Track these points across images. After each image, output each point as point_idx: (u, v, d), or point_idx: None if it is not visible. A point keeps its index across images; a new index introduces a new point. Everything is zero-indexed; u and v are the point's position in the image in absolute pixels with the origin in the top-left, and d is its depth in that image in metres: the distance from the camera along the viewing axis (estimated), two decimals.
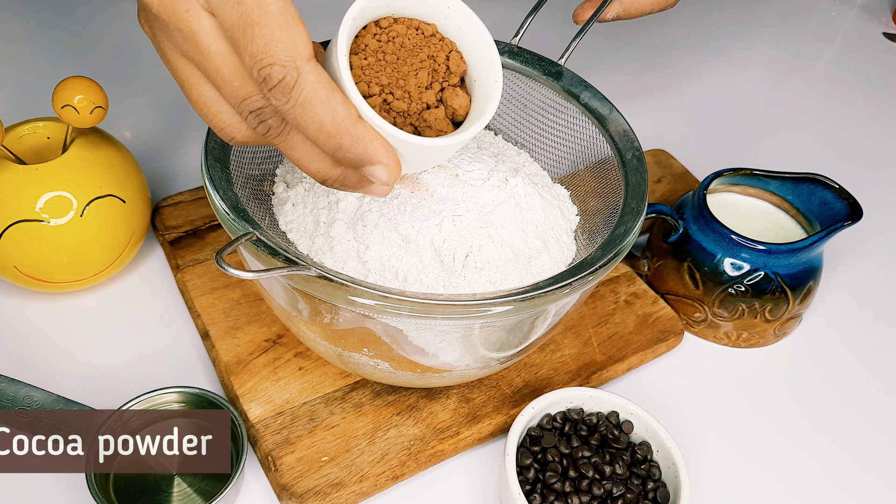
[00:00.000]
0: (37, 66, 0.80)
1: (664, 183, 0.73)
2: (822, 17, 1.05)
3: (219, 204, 0.44)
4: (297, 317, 0.48)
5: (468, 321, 0.44)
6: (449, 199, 0.48)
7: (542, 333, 0.50)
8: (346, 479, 0.49)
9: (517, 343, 0.49)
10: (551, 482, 0.47)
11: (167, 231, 0.62)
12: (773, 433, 0.57)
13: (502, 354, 0.50)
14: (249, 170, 0.50)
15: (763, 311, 0.59)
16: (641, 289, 0.63)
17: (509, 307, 0.42)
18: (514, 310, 0.42)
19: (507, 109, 0.58)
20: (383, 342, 0.47)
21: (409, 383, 0.52)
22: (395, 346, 0.47)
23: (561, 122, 0.57)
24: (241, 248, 0.42)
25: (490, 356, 0.49)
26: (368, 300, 0.41)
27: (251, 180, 0.50)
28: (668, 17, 0.99)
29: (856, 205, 0.59)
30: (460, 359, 0.48)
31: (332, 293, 0.41)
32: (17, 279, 0.56)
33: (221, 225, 0.45)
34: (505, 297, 0.42)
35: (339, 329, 0.47)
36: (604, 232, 0.49)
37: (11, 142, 0.56)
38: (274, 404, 0.52)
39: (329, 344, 0.48)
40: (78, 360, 0.56)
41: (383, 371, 0.49)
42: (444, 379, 0.51)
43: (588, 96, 0.55)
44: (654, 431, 0.49)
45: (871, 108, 0.90)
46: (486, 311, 0.42)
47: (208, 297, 0.58)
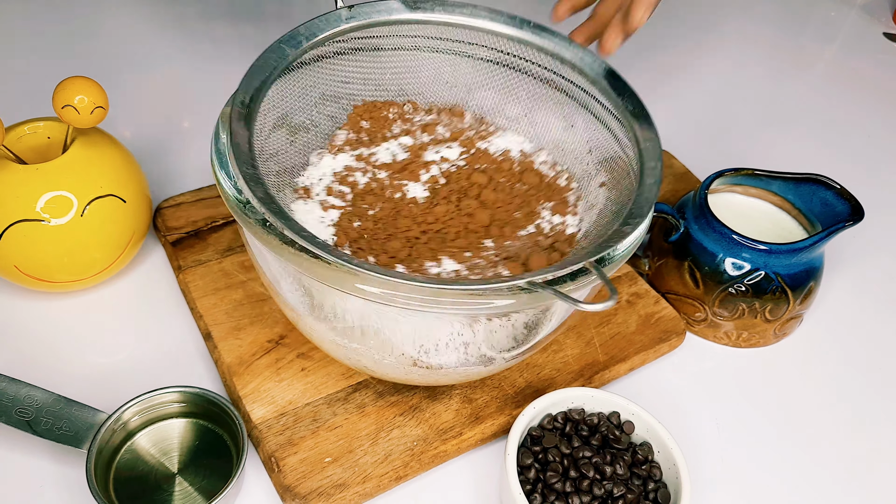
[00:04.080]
0: (37, 66, 0.80)
1: (665, 183, 0.73)
2: (822, 17, 1.05)
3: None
4: (304, 311, 0.48)
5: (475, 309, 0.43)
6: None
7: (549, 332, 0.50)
8: (350, 479, 0.49)
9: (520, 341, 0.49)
10: (552, 482, 0.47)
11: (169, 232, 0.62)
12: (774, 433, 0.57)
13: (507, 353, 0.49)
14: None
15: (763, 311, 0.59)
16: (643, 289, 0.63)
17: (511, 300, 0.42)
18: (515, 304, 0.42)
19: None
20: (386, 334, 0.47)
21: (411, 380, 0.52)
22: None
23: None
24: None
25: (493, 355, 0.49)
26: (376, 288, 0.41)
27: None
28: (667, 17, 1.00)
29: (857, 206, 0.59)
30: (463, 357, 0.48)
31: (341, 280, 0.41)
32: (17, 279, 0.55)
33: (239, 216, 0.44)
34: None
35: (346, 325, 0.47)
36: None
37: (12, 142, 0.56)
38: (277, 405, 0.52)
39: (337, 338, 0.48)
40: (78, 360, 0.56)
41: (387, 365, 0.49)
42: (447, 376, 0.51)
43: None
44: (655, 432, 0.49)
45: (871, 108, 0.90)
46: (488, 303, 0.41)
47: (210, 298, 0.58)
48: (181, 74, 0.81)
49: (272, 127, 0.51)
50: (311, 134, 0.55)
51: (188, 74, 0.81)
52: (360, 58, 0.55)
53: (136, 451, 0.50)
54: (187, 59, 0.83)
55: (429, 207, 0.52)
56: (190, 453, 0.51)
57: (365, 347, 0.48)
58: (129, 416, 0.50)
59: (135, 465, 0.50)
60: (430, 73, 0.58)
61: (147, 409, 0.51)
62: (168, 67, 0.82)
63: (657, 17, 1.00)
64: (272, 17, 0.87)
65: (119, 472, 0.49)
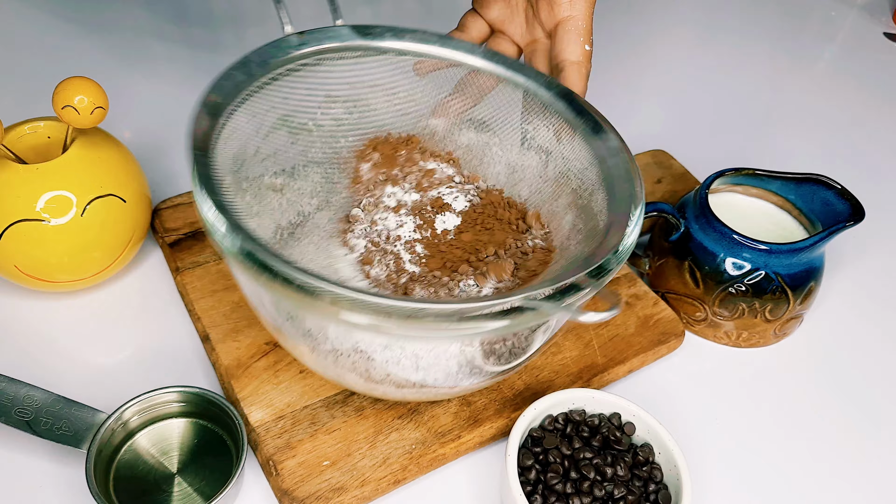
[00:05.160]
0: (37, 66, 0.80)
1: (664, 184, 0.73)
2: (822, 17, 1.05)
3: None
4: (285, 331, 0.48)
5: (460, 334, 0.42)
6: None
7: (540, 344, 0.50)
8: (348, 483, 0.49)
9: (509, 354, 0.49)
10: (553, 483, 0.47)
11: (166, 233, 0.62)
12: (774, 433, 0.57)
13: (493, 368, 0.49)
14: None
15: (763, 311, 0.59)
16: (642, 290, 0.63)
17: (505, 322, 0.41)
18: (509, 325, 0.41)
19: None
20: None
21: (405, 398, 0.52)
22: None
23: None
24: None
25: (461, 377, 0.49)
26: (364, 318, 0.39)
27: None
28: (667, 17, 1.00)
29: (858, 206, 0.59)
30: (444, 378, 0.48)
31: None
32: (17, 279, 0.55)
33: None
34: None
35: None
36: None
37: (12, 141, 0.56)
38: (275, 408, 0.52)
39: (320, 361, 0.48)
40: (78, 360, 0.56)
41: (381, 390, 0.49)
42: (444, 393, 0.51)
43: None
44: (656, 433, 0.49)
45: (871, 108, 0.90)
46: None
47: (208, 300, 0.58)
48: (182, 74, 0.81)
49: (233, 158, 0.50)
50: (273, 159, 0.54)
51: (189, 74, 0.81)
52: (310, 84, 0.53)
53: (135, 451, 0.50)
54: (187, 59, 0.83)
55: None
56: (190, 453, 0.51)
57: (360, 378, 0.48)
58: (128, 416, 0.50)
59: (134, 465, 0.50)
60: (383, 101, 0.56)
61: (147, 409, 0.51)
62: (168, 67, 0.82)
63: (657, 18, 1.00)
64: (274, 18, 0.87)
65: (119, 472, 0.49)
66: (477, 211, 0.55)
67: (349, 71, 0.54)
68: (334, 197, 0.55)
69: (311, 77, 0.53)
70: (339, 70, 0.54)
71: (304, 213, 0.55)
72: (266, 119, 0.51)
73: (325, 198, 0.55)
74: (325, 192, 0.55)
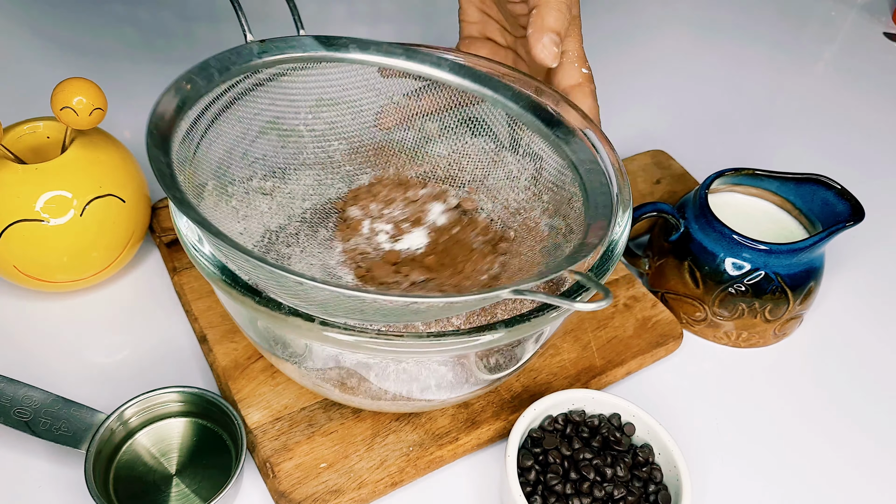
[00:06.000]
0: (37, 66, 0.80)
1: (663, 184, 0.73)
2: (822, 17, 1.05)
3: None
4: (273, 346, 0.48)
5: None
6: None
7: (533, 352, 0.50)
8: (345, 485, 0.49)
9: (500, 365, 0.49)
10: (552, 484, 0.47)
11: (164, 233, 0.62)
12: (774, 434, 0.57)
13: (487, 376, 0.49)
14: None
15: (763, 311, 0.59)
16: (640, 292, 0.62)
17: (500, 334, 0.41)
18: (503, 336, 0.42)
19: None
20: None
21: (400, 410, 0.52)
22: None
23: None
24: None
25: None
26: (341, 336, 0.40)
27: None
28: (667, 17, 0.99)
29: (857, 206, 0.58)
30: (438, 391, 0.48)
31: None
32: (16, 279, 0.55)
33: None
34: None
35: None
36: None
37: (11, 141, 0.56)
38: (272, 410, 0.52)
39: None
40: (78, 360, 0.56)
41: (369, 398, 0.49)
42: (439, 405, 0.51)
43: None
44: (656, 434, 0.49)
45: (871, 108, 0.90)
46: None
47: (205, 301, 0.58)
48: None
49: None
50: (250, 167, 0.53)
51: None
52: (272, 95, 0.52)
53: (135, 452, 0.50)
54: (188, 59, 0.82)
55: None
56: (189, 453, 0.50)
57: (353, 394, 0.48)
58: (127, 417, 0.50)
59: (134, 465, 0.50)
60: (350, 113, 0.55)
61: (146, 409, 0.51)
62: (168, 67, 0.82)
63: (657, 18, 1.00)
64: (278, 16, 0.86)
65: (118, 472, 0.49)
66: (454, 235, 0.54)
67: (313, 80, 0.53)
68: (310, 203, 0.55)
69: (274, 88, 0.52)
70: (303, 81, 0.52)
71: (271, 228, 0.54)
72: (227, 127, 0.50)
73: (293, 210, 0.55)
74: (287, 205, 0.55)
